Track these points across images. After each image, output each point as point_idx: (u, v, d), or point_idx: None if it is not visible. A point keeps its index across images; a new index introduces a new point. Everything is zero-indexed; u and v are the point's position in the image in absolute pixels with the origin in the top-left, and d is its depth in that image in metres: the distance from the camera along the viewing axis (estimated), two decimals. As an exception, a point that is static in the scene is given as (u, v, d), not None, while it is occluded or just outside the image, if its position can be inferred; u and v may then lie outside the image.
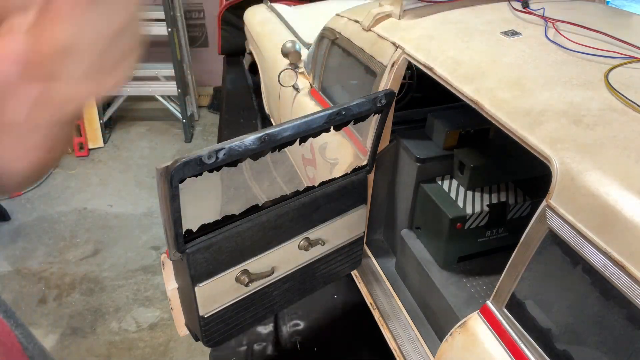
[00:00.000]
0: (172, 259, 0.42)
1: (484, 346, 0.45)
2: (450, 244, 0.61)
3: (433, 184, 0.64)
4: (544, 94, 0.46)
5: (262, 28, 1.46)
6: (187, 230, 0.40)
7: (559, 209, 0.37)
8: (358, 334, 0.84)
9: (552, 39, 0.56)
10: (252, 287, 0.49)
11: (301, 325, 0.86)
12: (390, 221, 0.76)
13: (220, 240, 0.42)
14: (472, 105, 0.48)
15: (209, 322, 0.47)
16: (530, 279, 0.41)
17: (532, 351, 0.41)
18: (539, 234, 0.39)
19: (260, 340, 0.85)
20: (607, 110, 0.42)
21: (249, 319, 0.51)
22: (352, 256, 0.60)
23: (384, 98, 0.44)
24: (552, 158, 0.39)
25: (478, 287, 0.61)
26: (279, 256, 0.49)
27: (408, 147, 0.65)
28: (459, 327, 0.48)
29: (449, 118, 0.65)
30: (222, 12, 2.10)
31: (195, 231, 0.40)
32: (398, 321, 0.66)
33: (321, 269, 0.56)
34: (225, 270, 0.45)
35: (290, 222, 0.48)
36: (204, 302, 0.45)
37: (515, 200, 0.62)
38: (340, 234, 0.56)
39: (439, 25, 0.63)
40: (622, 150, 0.37)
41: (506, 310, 0.44)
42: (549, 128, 0.41)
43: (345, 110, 0.41)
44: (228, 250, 0.44)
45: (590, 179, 0.36)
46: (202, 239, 0.41)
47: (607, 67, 0.48)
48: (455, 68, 0.53)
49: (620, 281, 0.33)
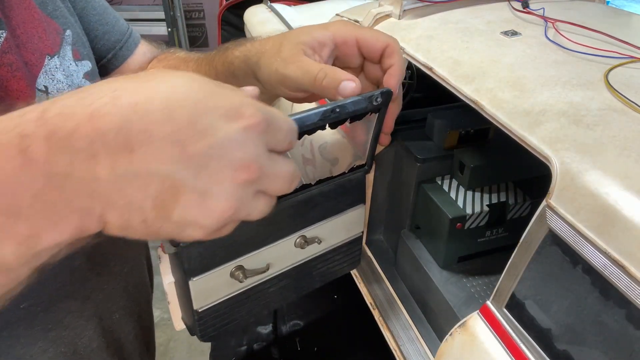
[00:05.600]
0: (167, 252, 0.42)
1: (483, 346, 0.45)
2: (450, 243, 0.61)
3: (433, 184, 0.64)
4: (544, 94, 0.46)
5: (262, 28, 1.46)
6: None
7: (559, 209, 0.37)
8: (358, 334, 0.84)
9: (552, 39, 0.56)
10: (247, 283, 0.48)
11: (301, 325, 0.86)
12: (390, 221, 0.76)
13: None
14: (472, 105, 0.48)
15: (203, 316, 0.47)
16: (530, 279, 0.41)
17: (532, 351, 0.41)
18: (539, 234, 0.39)
19: (260, 340, 0.85)
20: (607, 110, 0.42)
21: (245, 314, 0.51)
22: (351, 256, 0.60)
23: (380, 97, 0.44)
24: (552, 158, 0.39)
25: (478, 287, 0.61)
26: (275, 253, 0.49)
27: (408, 147, 0.65)
28: (458, 327, 0.48)
29: (449, 118, 0.65)
30: (222, 12, 2.10)
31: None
32: (398, 321, 0.66)
33: (318, 267, 0.56)
34: (220, 265, 0.45)
35: (286, 219, 0.48)
36: (198, 296, 0.45)
37: (515, 200, 0.62)
38: (337, 233, 0.55)
39: (439, 25, 0.63)
40: (622, 150, 0.37)
41: (506, 310, 0.44)
42: (548, 128, 0.41)
43: (340, 108, 0.41)
44: (223, 245, 0.44)
45: (590, 179, 0.36)
46: None
47: (607, 67, 0.48)
48: (455, 68, 0.53)
49: (620, 281, 0.33)
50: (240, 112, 0.27)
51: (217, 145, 0.26)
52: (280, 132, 0.30)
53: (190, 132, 0.25)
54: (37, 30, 0.46)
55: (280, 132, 0.30)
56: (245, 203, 0.28)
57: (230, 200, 0.27)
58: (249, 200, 0.29)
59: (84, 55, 0.53)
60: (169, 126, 0.24)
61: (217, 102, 0.27)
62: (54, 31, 0.49)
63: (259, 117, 0.28)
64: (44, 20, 0.48)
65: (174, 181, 0.25)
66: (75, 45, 0.51)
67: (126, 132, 0.24)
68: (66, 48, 0.50)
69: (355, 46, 0.46)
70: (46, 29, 0.48)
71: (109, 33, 0.59)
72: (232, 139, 0.26)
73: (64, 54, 0.49)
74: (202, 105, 0.26)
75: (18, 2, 0.45)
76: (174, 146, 0.25)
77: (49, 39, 0.48)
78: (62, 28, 0.50)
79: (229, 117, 0.27)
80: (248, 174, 0.27)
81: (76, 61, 0.51)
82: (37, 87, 0.46)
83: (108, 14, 0.60)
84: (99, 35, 0.58)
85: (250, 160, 0.27)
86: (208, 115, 0.26)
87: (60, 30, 0.50)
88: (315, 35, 0.45)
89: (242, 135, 0.27)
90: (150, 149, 0.24)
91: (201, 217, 0.27)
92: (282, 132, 0.30)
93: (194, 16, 2.86)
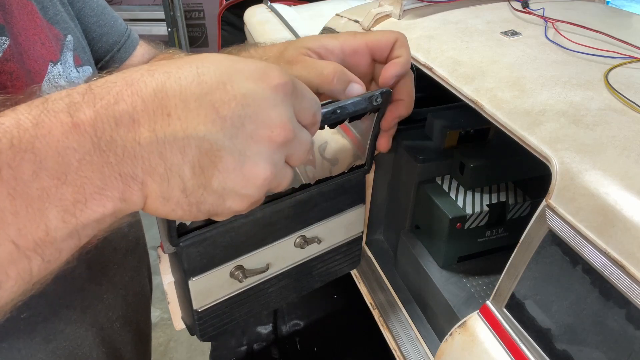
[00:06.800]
0: (166, 252, 0.42)
1: (483, 346, 0.45)
2: (450, 243, 0.61)
3: (433, 184, 0.64)
4: (544, 94, 0.46)
5: (262, 28, 1.46)
6: (180, 224, 0.40)
7: (559, 209, 0.37)
8: (358, 334, 0.84)
9: (552, 39, 0.56)
10: (246, 283, 0.48)
11: (301, 325, 0.86)
12: (390, 221, 0.76)
13: (214, 235, 0.42)
14: (471, 105, 0.48)
15: (202, 316, 0.47)
16: (530, 279, 0.41)
17: (532, 351, 0.41)
18: (539, 234, 0.39)
19: (260, 340, 0.85)
20: (607, 110, 0.42)
21: (244, 314, 0.51)
22: (351, 255, 0.60)
23: (380, 97, 0.44)
24: (551, 158, 0.39)
25: (478, 287, 0.61)
26: (275, 253, 0.49)
27: (408, 147, 0.65)
28: (458, 327, 0.48)
29: (449, 118, 0.65)
30: (222, 12, 2.10)
31: (189, 225, 0.41)
32: (398, 321, 0.66)
33: (318, 267, 0.56)
34: (220, 265, 0.45)
35: (285, 219, 0.48)
36: (197, 296, 0.45)
37: (515, 200, 0.62)
38: (337, 233, 0.55)
39: (439, 25, 0.63)
40: (622, 150, 0.37)
41: (506, 310, 0.44)
42: (548, 128, 0.41)
43: (340, 109, 0.41)
44: (222, 245, 0.44)
45: (590, 179, 0.36)
46: (196, 233, 0.41)
47: (607, 67, 0.48)
48: (455, 68, 0.53)
49: (620, 281, 0.33)
50: (266, 73, 0.28)
51: (249, 104, 0.27)
52: (305, 100, 0.31)
53: (221, 94, 0.26)
54: (39, 37, 0.45)
55: (305, 99, 0.31)
56: (279, 169, 0.29)
57: (268, 163, 0.28)
58: (281, 166, 0.30)
59: (85, 60, 0.52)
60: (199, 88, 0.26)
61: (243, 66, 0.28)
62: (55, 37, 0.48)
63: (285, 78, 0.29)
64: (45, 27, 0.46)
65: (211, 144, 0.26)
66: (76, 50, 0.50)
67: (162, 96, 0.25)
68: (67, 54, 0.48)
69: (365, 54, 0.46)
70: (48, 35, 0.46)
71: (107, 35, 0.58)
72: (263, 98, 0.27)
73: (65, 60, 0.48)
74: (230, 69, 0.27)
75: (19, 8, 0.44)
76: (208, 108, 0.26)
77: (51, 45, 0.46)
78: (63, 34, 0.49)
79: (256, 78, 0.28)
80: (285, 134, 0.28)
81: (77, 67, 0.49)
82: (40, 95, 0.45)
83: (106, 15, 0.58)
84: (97, 37, 0.57)
85: (284, 121, 0.28)
86: (236, 77, 0.27)
87: (61, 36, 0.48)
88: (323, 42, 0.45)
89: (272, 94, 0.28)
90: (185, 112, 0.25)
91: (240, 185, 0.28)
92: (306, 99, 0.31)
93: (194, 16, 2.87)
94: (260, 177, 0.28)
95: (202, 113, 0.26)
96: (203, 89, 0.26)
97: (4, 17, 0.42)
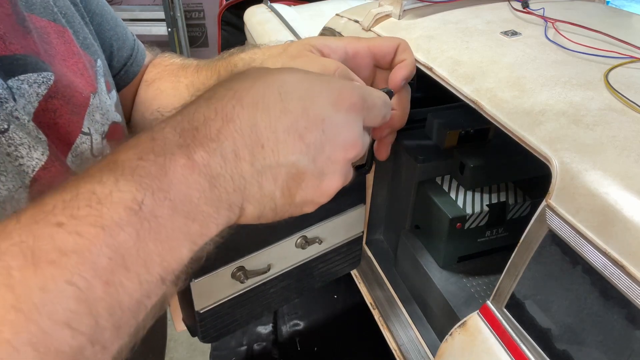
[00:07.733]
0: None
1: (483, 346, 0.45)
2: (450, 243, 0.61)
3: (433, 184, 0.64)
4: (544, 94, 0.46)
5: (262, 28, 1.46)
6: None
7: (559, 209, 0.37)
8: (358, 334, 0.84)
9: (552, 39, 0.56)
10: (248, 284, 0.49)
11: (301, 325, 0.86)
12: (390, 221, 0.76)
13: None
14: (471, 105, 0.48)
15: (204, 317, 0.47)
16: (530, 279, 0.41)
17: (532, 351, 0.41)
18: (539, 234, 0.39)
19: (260, 340, 0.85)
20: (607, 110, 0.42)
21: (246, 315, 0.51)
22: (351, 255, 0.60)
23: None
24: (551, 158, 0.39)
25: (478, 287, 0.61)
26: (276, 253, 0.49)
27: (408, 147, 0.65)
28: (458, 327, 0.48)
29: (449, 118, 0.65)
30: (222, 12, 2.10)
31: None
32: (398, 321, 0.66)
33: (319, 267, 0.56)
34: (221, 266, 0.45)
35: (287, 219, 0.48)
36: (199, 297, 0.45)
37: (515, 200, 0.62)
38: (338, 233, 0.55)
39: (439, 25, 0.63)
40: (622, 150, 0.37)
41: (506, 310, 0.44)
42: (548, 128, 0.41)
43: None
44: (224, 246, 0.44)
45: (590, 179, 0.36)
46: None
47: (607, 67, 0.48)
48: (455, 68, 0.53)
49: (620, 281, 0.33)
50: (341, 95, 0.31)
51: (328, 128, 0.30)
52: (375, 108, 0.34)
53: (305, 123, 0.29)
54: (77, 67, 0.42)
55: (375, 108, 0.34)
56: (347, 175, 0.33)
57: (341, 176, 0.32)
58: (349, 172, 0.34)
59: (112, 84, 0.48)
60: (286, 120, 0.29)
61: (321, 90, 0.30)
62: (90, 65, 0.44)
63: (356, 97, 0.32)
64: (82, 55, 0.43)
65: (298, 169, 0.29)
66: (106, 75, 0.47)
67: (256, 130, 0.28)
68: (101, 81, 0.45)
69: (367, 57, 0.46)
70: (85, 64, 0.43)
71: (121, 49, 0.54)
72: (340, 123, 0.31)
73: (101, 89, 0.44)
74: (309, 92, 0.30)
75: (57, 37, 0.41)
76: (295, 137, 0.29)
77: (88, 75, 0.43)
78: (94, 59, 0.46)
79: (333, 103, 0.30)
80: (356, 152, 0.32)
81: (108, 93, 0.46)
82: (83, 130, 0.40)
83: (119, 26, 0.54)
84: (114, 52, 0.53)
85: (356, 139, 0.32)
86: (315, 104, 0.30)
87: (92, 62, 0.45)
88: (326, 42, 0.45)
89: (346, 116, 0.31)
90: (276, 144, 0.28)
91: (317, 195, 0.32)
92: (376, 107, 0.35)
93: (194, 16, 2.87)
94: (333, 188, 0.32)
95: (290, 142, 0.28)
96: (289, 119, 0.28)
97: (44, 48, 0.38)
